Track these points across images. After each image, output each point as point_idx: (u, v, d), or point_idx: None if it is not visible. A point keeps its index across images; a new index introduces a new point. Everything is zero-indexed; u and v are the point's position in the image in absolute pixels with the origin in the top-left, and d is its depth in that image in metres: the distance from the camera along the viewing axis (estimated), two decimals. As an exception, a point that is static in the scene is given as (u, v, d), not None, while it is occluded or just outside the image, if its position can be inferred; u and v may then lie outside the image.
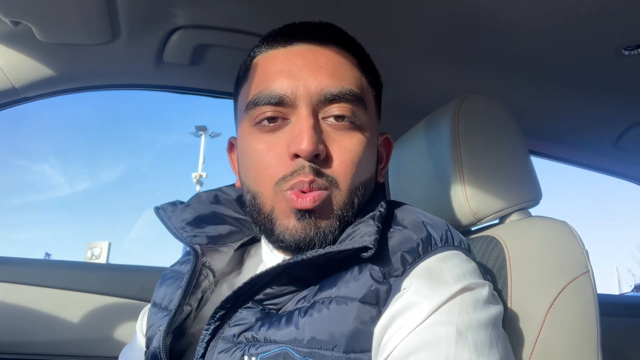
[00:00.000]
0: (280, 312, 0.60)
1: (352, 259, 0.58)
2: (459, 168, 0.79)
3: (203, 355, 0.59)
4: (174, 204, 0.75)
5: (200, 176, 15.66)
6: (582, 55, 1.17)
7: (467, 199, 0.79)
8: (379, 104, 0.72)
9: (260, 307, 0.60)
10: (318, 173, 0.59)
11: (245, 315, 0.59)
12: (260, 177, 0.62)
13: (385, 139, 0.73)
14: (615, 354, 1.54)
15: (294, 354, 0.53)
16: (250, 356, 0.55)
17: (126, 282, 1.28)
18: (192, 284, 0.67)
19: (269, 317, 0.58)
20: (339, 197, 0.60)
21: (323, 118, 0.62)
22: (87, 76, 1.16)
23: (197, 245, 0.69)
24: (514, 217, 0.81)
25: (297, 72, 0.62)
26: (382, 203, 0.63)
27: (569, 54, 1.17)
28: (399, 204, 0.68)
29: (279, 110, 0.61)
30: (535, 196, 0.82)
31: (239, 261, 0.77)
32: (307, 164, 0.58)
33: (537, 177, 0.84)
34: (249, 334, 0.58)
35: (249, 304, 0.60)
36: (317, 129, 0.60)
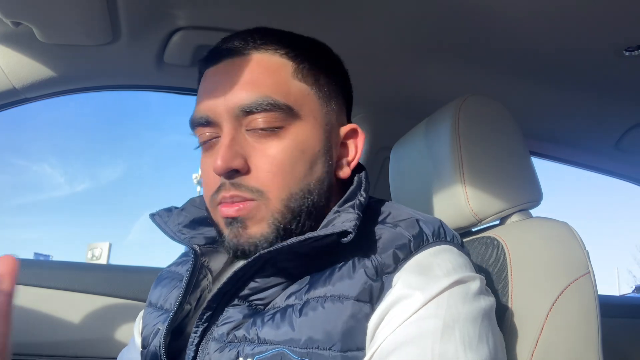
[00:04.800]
0: (267, 308, 0.60)
1: (338, 251, 0.58)
2: (459, 169, 0.79)
3: (194, 358, 0.59)
4: (168, 209, 0.75)
5: (201, 177, 15.65)
6: (582, 56, 1.17)
7: (467, 200, 0.79)
8: (339, 94, 0.69)
9: (247, 304, 0.60)
10: (239, 187, 0.60)
11: (232, 313, 0.59)
12: (204, 193, 0.66)
13: (350, 130, 0.69)
14: (616, 355, 1.54)
15: (291, 355, 0.53)
16: (245, 357, 0.55)
17: (127, 282, 1.28)
18: (192, 283, 0.67)
19: (259, 315, 0.58)
20: (270, 206, 0.60)
21: (248, 130, 0.62)
22: (88, 77, 1.16)
23: (196, 245, 0.69)
24: (514, 218, 0.81)
25: (217, 90, 0.63)
26: (362, 192, 0.63)
27: (569, 54, 1.17)
28: (391, 204, 0.68)
29: (210, 130, 0.63)
30: (536, 197, 0.82)
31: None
32: (226, 181, 0.60)
33: (538, 178, 0.84)
34: (239, 333, 0.58)
35: (235, 302, 0.60)
36: (235, 144, 0.60)
